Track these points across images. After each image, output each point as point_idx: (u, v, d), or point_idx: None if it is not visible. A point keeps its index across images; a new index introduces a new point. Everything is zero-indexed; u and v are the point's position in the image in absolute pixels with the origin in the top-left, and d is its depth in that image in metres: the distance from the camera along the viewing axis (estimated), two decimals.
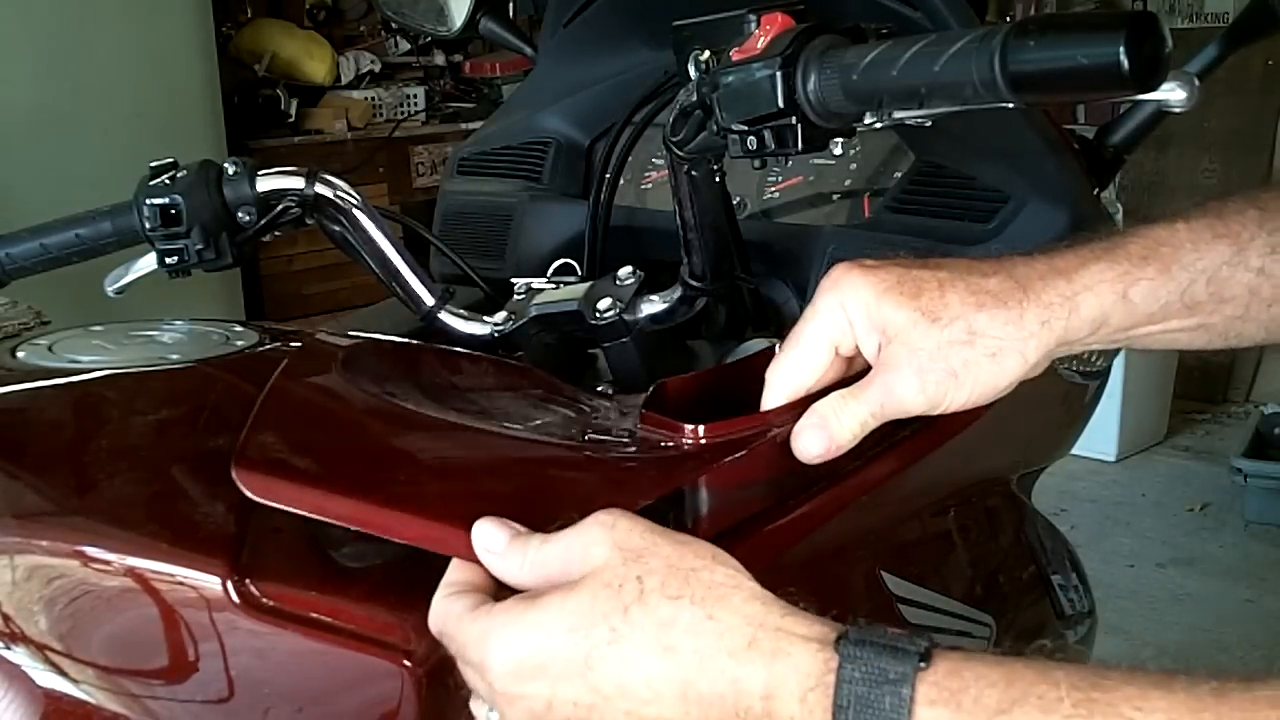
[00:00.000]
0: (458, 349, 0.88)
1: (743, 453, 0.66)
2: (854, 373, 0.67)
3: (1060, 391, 1.03)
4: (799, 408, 0.67)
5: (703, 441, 0.67)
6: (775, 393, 0.68)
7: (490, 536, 0.55)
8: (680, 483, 0.65)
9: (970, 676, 0.46)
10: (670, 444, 0.68)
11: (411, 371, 0.74)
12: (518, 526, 0.56)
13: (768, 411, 0.69)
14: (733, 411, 0.69)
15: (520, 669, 0.52)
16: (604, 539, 0.53)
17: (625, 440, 0.69)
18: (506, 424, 0.70)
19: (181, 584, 0.61)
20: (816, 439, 0.64)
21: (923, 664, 0.47)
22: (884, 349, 0.63)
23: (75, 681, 0.63)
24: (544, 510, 0.57)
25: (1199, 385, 3.84)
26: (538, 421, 0.73)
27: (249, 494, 0.57)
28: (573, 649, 0.51)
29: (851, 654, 0.48)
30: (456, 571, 0.57)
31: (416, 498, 0.59)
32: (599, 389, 0.90)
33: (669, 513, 0.66)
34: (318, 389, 0.69)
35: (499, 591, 0.57)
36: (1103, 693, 0.45)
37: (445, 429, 0.66)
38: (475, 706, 0.56)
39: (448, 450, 0.64)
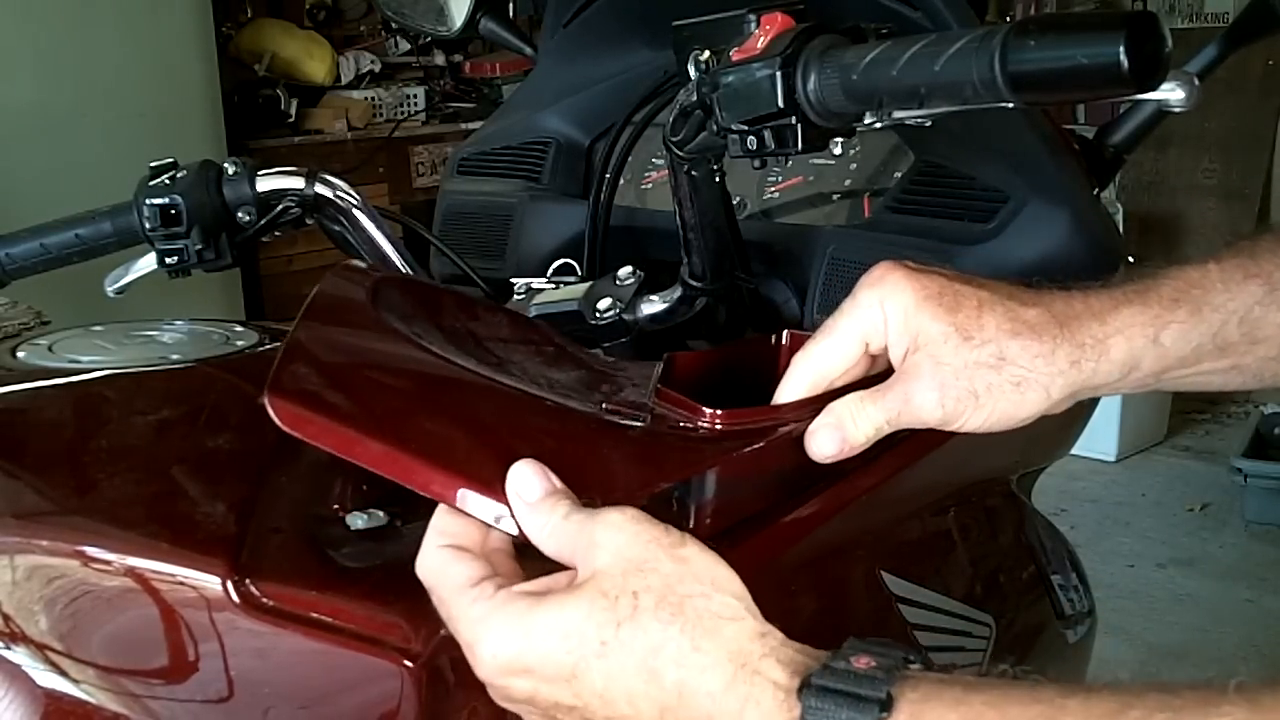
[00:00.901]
0: (472, 295, 0.88)
1: (759, 444, 0.66)
2: (876, 373, 0.67)
3: None
4: (816, 404, 0.67)
5: (719, 427, 0.68)
6: (798, 378, 0.67)
7: (528, 484, 0.56)
8: (700, 468, 0.65)
9: (929, 717, 0.47)
10: (688, 425, 0.68)
11: (434, 313, 0.73)
12: (554, 480, 0.56)
13: (784, 405, 0.68)
14: (737, 393, 0.70)
15: (509, 666, 0.53)
16: (610, 542, 0.53)
17: (643, 415, 0.69)
18: (527, 381, 0.70)
19: (181, 584, 0.61)
20: (831, 439, 0.65)
21: (883, 714, 0.47)
22: (910, 356, 0.63)
23: (75, 681, 0.63)
24: (568, 481, 0.57)
25: None
26: (556, 378, 0.73)
27: (280, 424, 0.56)
28: (563, 656, 0.52)
29: (813, 706, 0.48)
30: (447, 518, 0.57)
31: (446, 451, 0.58)
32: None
33: (674, 497, 0.67)
34: (350, 320, 0.67)
35: (487, 550, 0.57)
36: None
37: (472, 383, 0.65)
38: None
39: (476, 406, 0.64)
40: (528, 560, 0.57)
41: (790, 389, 0.68)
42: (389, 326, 0.67)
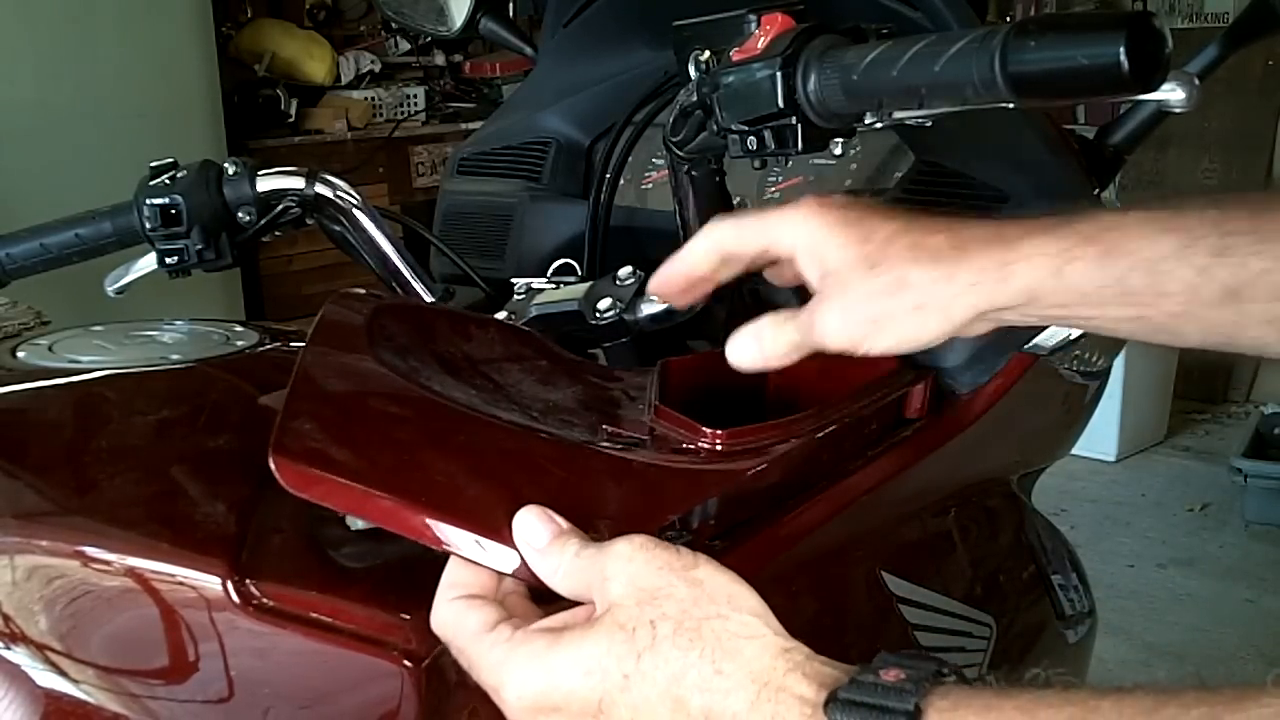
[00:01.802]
0: (465, 312, 0.88)
1: (762, 464, 0.67)
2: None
3: (1060, 391, 1.03)
4: (817, 420, 0.70)
5: (719, 447, 0.68)
6: (701, 246, 0.69)
7: (534, 530, 0.56)
8: (705, 496, 0.65)
9: None
10: (689, 445, 0.68)
11: (429, 340, 0.74)
12: (560, 521, 0.57)
13: (784, 421, 0.70)
14: (732, 393, 0.70)
15: (536, 705, 0.53)
16: (621, 572, 0.54)
17: (644, 439, 0.70)
18: (526, 406, 0.70)
19: (181, 584, 0.61)
20: (749, 348, 0.67)
21: None
22: (821, 280, 0.65)
23: (75, 681, 0.63)
24: (575, 519, 0.57)
25: (1199, 385, 3.84)
26: (553, 400, 0.73)
27: (286, 486, 0.56)
28: (588, 692, 0.52)
29: None
30: (459, 570, 0.57)
31: (453, 503, 0.58)
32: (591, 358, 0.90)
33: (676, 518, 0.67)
34: (348, 366, 0.68)
35: (501, 594, 0.57)
36: None
37: (473, 424, 0.66)
38: None
39: (479, 450, 0.64)
40: (544, 604, 0.57)
41: (686, 255, 0.69)
42: (387, 369, 0.67)
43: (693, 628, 0.52)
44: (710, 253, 0.69)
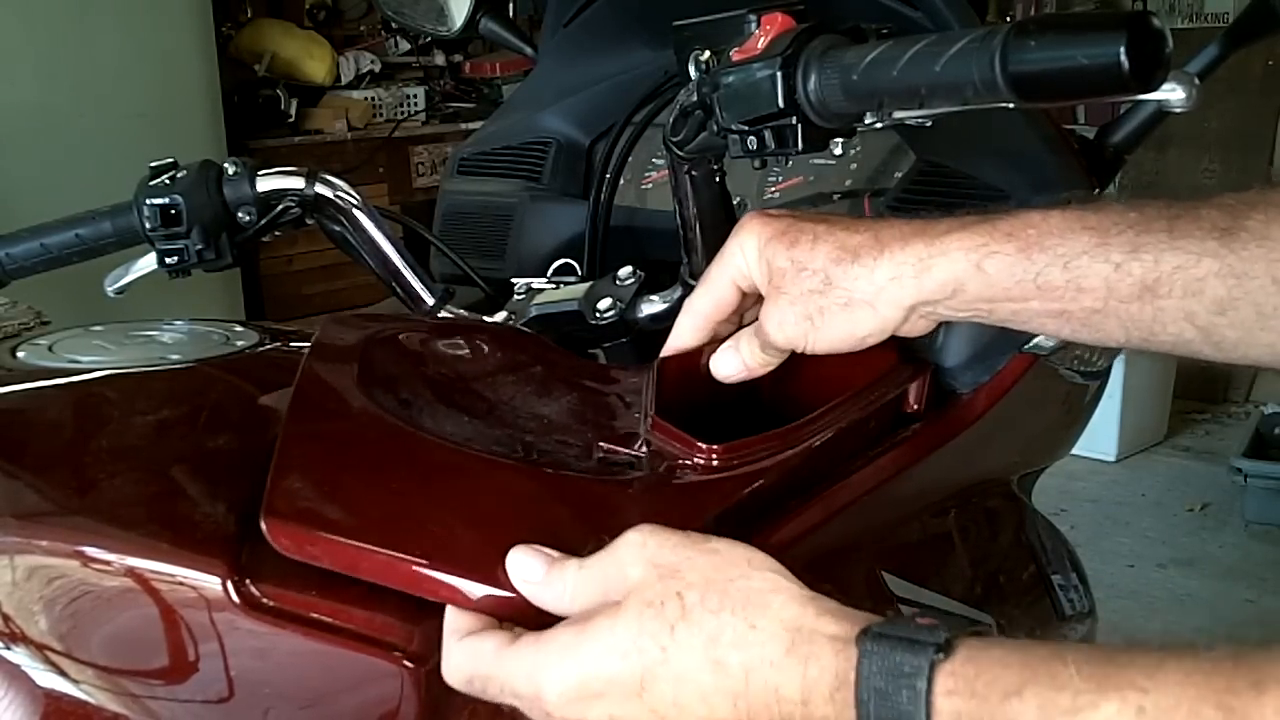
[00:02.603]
0: (454, 320, 0.88)
1: (759, 481, 0.68)
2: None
3: (1060, 391, 1.03)
4: (815, 426, 0.71)
5: (715, 462, 0.68)
6: (686, 325, 0.75)
7: (528, 567, 0.57)
8: (702, 518, 0.65)
9: (986, 661, 0.47)
10: (684, 461, 0.68)
11: (420, 364, 0.74)
12: (550, 552, 0.57)
13: (778, 431, 0.71)
14: (732, 390, 0.72)
15: (581, 694, 0.53)
16: (638, 558, 0.54)
17: (639, 456, 0.70)
18: (522, 433, 0.70)
19: (181, 584, 0.61)
20: (730, 361, 0.73)
21: (939, 654, 0.47)
22: (766, 286, 0.70)
23: (75, 681, 0.63)
24: (575, 549, 0.58)
25: (1199, 385, 3.84)
26: (547, 414, 0.73)
27: (279, 549, 0.57)
28: (629, 672, 0.52)
29: (870, 649, 0.49)
30: (458, 616, 0.58)
31: (450, 554, 0.59)
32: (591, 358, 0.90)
33: None
34: (337, 414, 0.68)
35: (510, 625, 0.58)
36: (1116, 667, 0.46)
37: (466, 465, 0.66)
38: None
39: (473, 494, 0.65)
40: None
41: (679, 335, 0.75)
42: (377, 408, 0.68)
43: (720, 590, 0.52)
44: (699, 328, 0.74)
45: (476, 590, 0.57)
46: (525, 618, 0.57)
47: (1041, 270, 0.64)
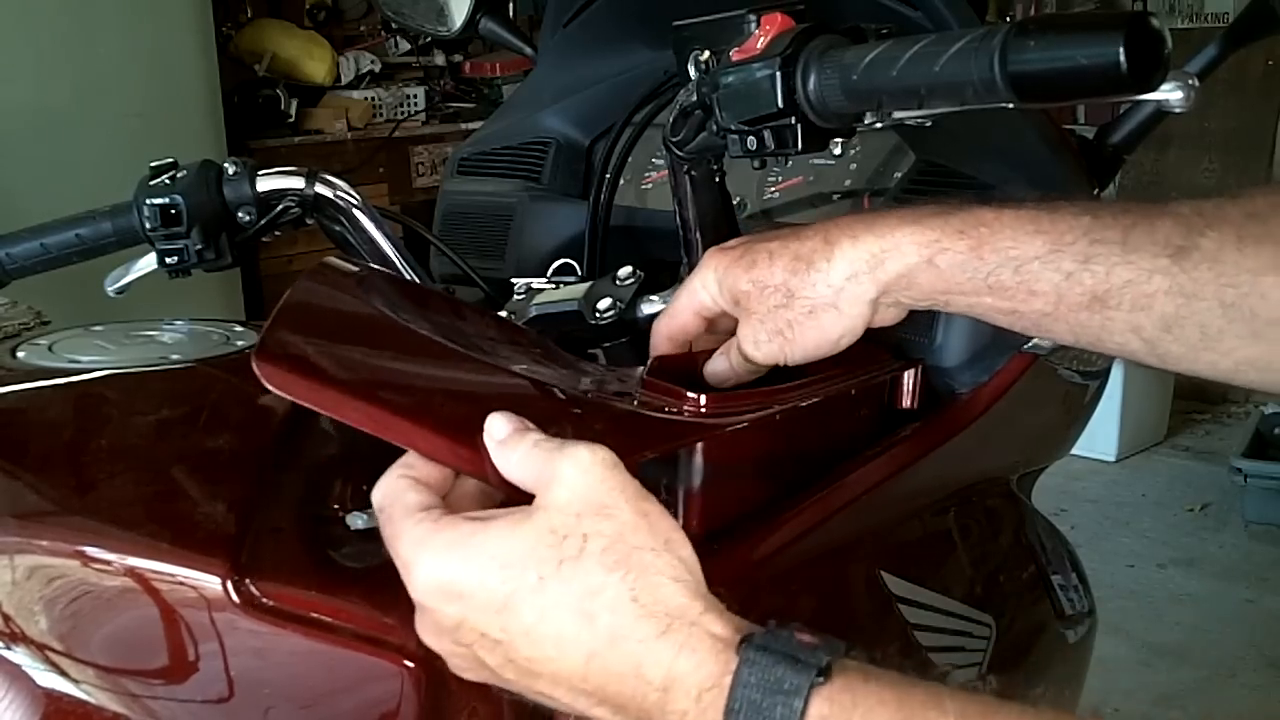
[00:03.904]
0: (458, 299, 0.88)
1: (744, 424, 0.68)
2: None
3: (1060, 391, 1.03)
4: (802, 390, 0.72)
5: (703, 410, 0.68)
6: (657, 346, 0.77)
7: (498, 425, 0.57)
8: (686, 441, 0.66)
9: (864, 694, 0.48)
10: (673, 410, 0.68)
11: (420, 306, 0.74)
12: (527, 423, 0.57)
13: (769, 389, 0.72)
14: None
15: (442, 589, 0.53)
16: (571, 479, 0.54)
17: (630, 400, 0.70)
18: (515, 368, 0.70)
19: (181, 584, 0.61)
20: (721, 369, 0.74)
21: (820, 678, 0.48)
22: (739, 310, 0.72)
23: (75, 681, 0.63)
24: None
25: (1199, 385, 3.83)
26: (542, 372, 0.73)
27: (266, 384, 0.56)
28: (498, 585, 0.52)
29: (751, 659, 0.49)
30: (416, 459, 0.58)
31: (424, 408, 0.59)
32: (591, 358, 0.90)
33: (663, 485, 0.67)
34: (337, 297, 0.68)
35: (450, 497, 0.58)
36: None
37: (457, 358, 0.67)
38: None
39: (460, 377, 0.65)
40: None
41: (655, 353, 0.76)
42: (376, 306, 0.67)
43: (623, 553, 0.52)
44: (667, 344, 0.76)
45: (442, 443, 0.57)
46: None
47: (993, 270, 0.65)
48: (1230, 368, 0.63)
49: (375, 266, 0.78)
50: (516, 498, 0.56)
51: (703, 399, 0.69)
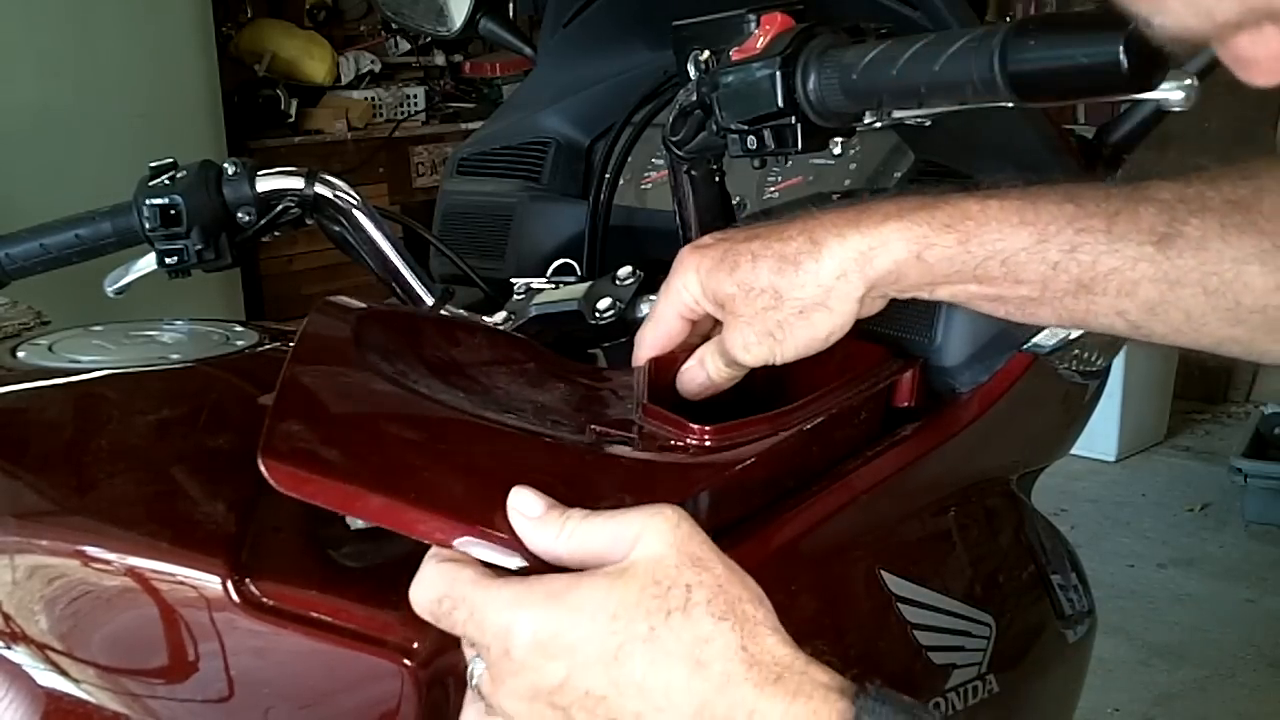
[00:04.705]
0: (447, 315, 0.89)
1: (750, 460, 0.68)
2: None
3: (1060, 391, 1.03)
4: (804, 412, 0.72)
5: (708, 443, 0.68)
6: (641, 354, 0.76)
7: (527, 501, 0.56)
8: (696, 490, 0.65)
9: None
10: (676, 442, 0.68)
11: (416, 345, 0.74)
12: (552, 500, 0.56)
13: (769, 415, 0.71)
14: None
15: (550, 645, 0.51)
16: (665, 535, 0.53)
17: (633, 436, 0.70)
18: (514, 408, 0.70)
19: (181, 584, 0.61)
20: (697, 376, 0.74)
21: None
22: (723, 313, 0.71)
23: (75, 681, 0.63)
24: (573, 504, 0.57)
25: (1199, 385, 3.84)
26: (541, 401, 0.73)
27: (277, 486, 0.56)
28: (607, 637, 0.51)
29: (871, 708, 0.49)
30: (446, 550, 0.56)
31: (444, 498, 0.58)
32: (591, 357, 0.91)
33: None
34: (335, 368, 0.68)
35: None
36: None
37: (462, 423, 0.66)
38: (468, 653, 0.56)
39: (468, 448, 0.64)
40: None
41: (639, 360, 0.76)
42: (375, 371, 0.67)
43: (728, 603, 0.52)
44: (653, 353, 0.75)
45: (467, 529, 0.55)
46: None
47: (980, 262, 0.65)
48: (1212, 344, 0.65)
49: (366, 306, 0.77)
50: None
51: (706, 432, 0.69)
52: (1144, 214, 0.63)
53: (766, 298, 0.68)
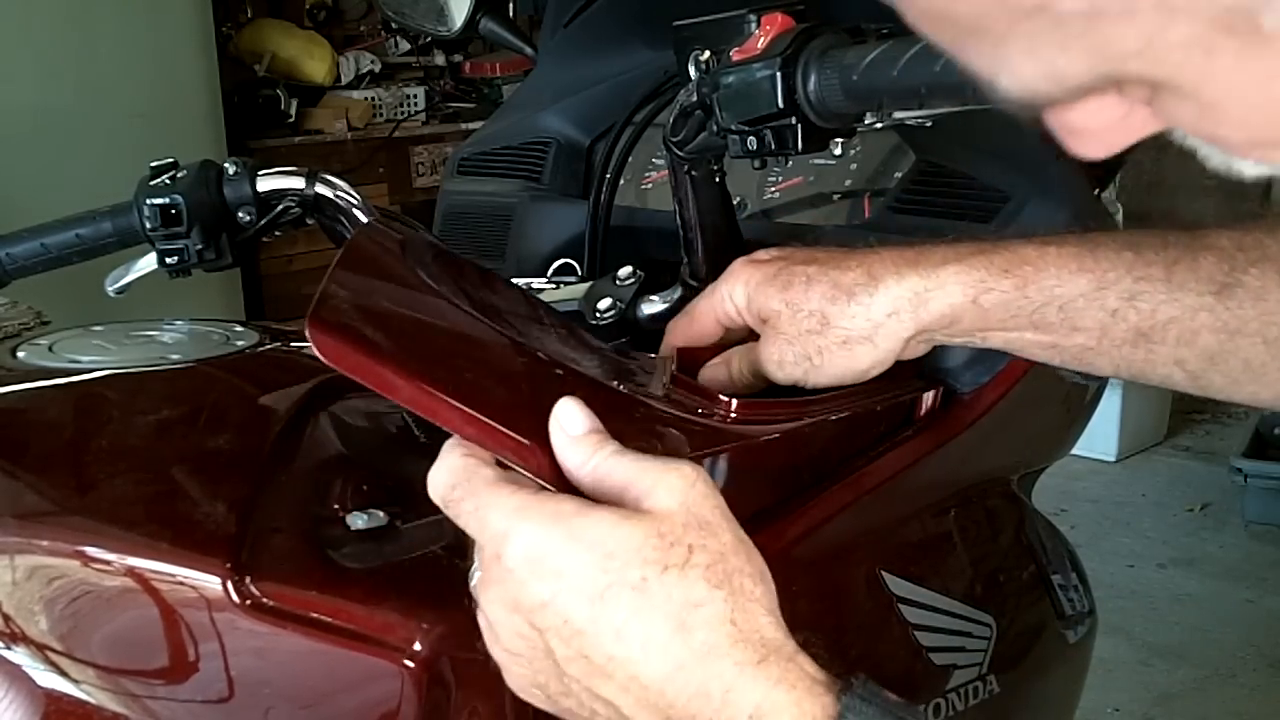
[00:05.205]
0: (490, 270, 0.88)
1: (773, 437, 0.69)
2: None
3: (1060, 391, 1.03)
4: (827, 405, 0.73)
5: (733, 415, 0.69)
6: (671, 342, 0.77)
7: (573, 416, 0.55)
8: (726, 447, 0.66)
9: None
10: (704, 411, 0.69)
11: (456, 276, 0.73)
12: (598, 421, 0.55)
13: (798, 399, 0.72)
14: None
15: (540, 564, 0.51)
16: (679, 491, 0.52)
17: (664, 397, 0.70)
18: (551, 352, 0.70)
19: (181, 584, 0.61)
20: (717, 375, 0.74)
21: None
22: (764, 327, 0.72)
23: (75, 681, 0.63)
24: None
25: None
26: (574, 358, 0.73)
27: (320, 355, 0.54)
28: (598, 573, 0.50)
29: (856, 707, 0.49)
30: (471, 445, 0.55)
31: (480, 393, 0.57)
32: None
33: None
34: (385, 267, 0.67)
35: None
36: None
37: (505, 341, 0.65)
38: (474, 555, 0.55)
39: (510, 361, 0.64)
40: None
41: (666, 350, 0.77)
42: (423, 281, 0.66)
43: (726, 573, 0.51)
44: (681, 342, 0.76)
45: (501, 431, 0.54)
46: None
47: (1038, 308, 0.65)
48: (1271, 398, 0.64)
49: (415, 227, 0.76)
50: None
51: (734, 404, 0.69)
52: (1203, 263, 0.62)
53: (813, 321, 0.69)
